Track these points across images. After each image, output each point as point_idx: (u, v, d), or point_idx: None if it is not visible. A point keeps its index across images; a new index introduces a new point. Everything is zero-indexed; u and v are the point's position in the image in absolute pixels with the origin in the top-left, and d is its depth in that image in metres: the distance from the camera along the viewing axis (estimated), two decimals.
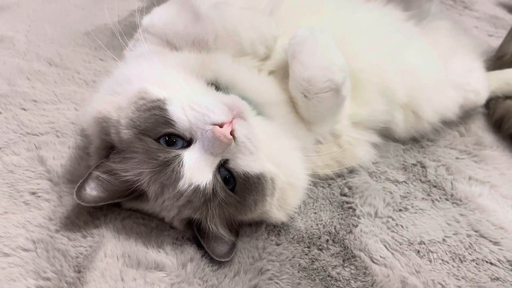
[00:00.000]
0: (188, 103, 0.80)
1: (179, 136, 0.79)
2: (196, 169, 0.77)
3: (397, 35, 1.16)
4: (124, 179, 0.80)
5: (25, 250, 0.83)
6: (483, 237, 0.99)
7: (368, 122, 1.12)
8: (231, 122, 0.78)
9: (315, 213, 1.00)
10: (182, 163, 0.77)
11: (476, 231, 1.00)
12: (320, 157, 1.04)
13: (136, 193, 0.82)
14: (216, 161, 0.79)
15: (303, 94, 0.91)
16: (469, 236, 0.99)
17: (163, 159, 0.77)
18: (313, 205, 1.02)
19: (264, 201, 0.84)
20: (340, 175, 1.10)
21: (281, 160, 0.88)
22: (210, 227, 0.82)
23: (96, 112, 0.84)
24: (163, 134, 0.79)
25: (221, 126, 0.77)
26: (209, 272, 0.84)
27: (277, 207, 0.89)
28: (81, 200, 0.80)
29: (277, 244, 0.91)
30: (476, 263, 0.94)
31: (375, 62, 1.07)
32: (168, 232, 0.89)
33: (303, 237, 0.94)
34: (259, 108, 0.92)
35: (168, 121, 0.78)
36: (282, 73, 0.97)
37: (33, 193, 0.93)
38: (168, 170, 0.77)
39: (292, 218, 0.97)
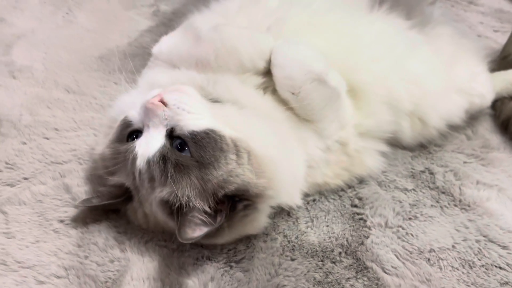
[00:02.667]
0: (138, 100, 0.91)
1: (139, 130, 0.90)
2: (145, 145, 0.87)
3: (400, 45, 1.18)
4: (112, 183, 0.93)
5: (58, 277, 0.89)
6: (492, 241, 1.02)
7: (375, 132, 1.15)
8: (160, 94, 0.87)
9: (327, 226, 1.05)
10: (135, 145, 0.88)
11: (484, 236, 1.04)
12: (330, 167, 1.08)
13: (126, 194, 0.93)
14: (161, 132, 0.87)
15: (290, 92, 0.97)
16: (478, 241, 1.02)
17: (127, 151, 0.89)
18: (325, 218, 1.06)
19: (227, 157, 0.85)
20: (350, 186, 1.14)
21: (251, 133, 0.91)
22: (184, 203, 0.83)
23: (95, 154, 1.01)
24: (127, 135, 0.91)
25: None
26: None
27: (253, 172, 0.87)
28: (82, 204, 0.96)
29: (292, 259, 0.96)
30: (486, 268, 0.97)
31: (379, 74, 1.11)
32: (188, 253, 0.95)
33: (317, 251, 0.98)
34: None
35: (128, 124, 0.91)
36: None
37: (61, 221, 0.99)
38: (129, 159, 0.88)
39: (305, 232, 1.02)
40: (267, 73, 1.01)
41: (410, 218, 1.07)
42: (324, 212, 1.08)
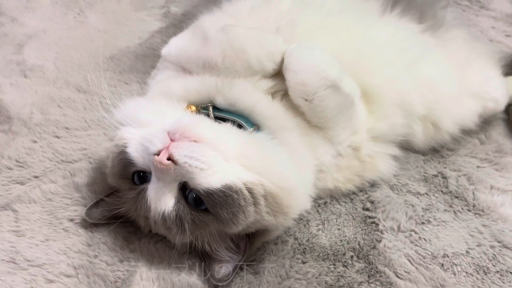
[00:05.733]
0: (140, 139, 0.86)
1: (145, 171, 0.86)
2: (158, 198, 0.83)
3: (413, 49, 1.17)
4: (117, 212, 0.92)
5: (68, 276, 0.89)
6: (507, 247, 1.01)
7: (388, 135, 1.13)
8: (167, 147, 0.81)
9: (339, 229, 1.03)
10: (146, 196, 0.84)
11: (499, 242, 1.02)
12: (341, 172, 1.07)
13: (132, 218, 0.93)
14: (173, 187, 0.83)
15: (303, 99, 0.94)
16: (492, 247, 1.01)
17: (134, 197, 0.87)
18: (336, 221, 1.05)
19: (245, 211, 0.83)
20: (362, 189, 1.13)
21: (264, 167, 0.88)
22: (206, 248, 0.86)
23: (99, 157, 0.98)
24: (132, 173, 0.88)
25: (159, 154, 0.80)
26: None
27: (272, 213, 0.87)
28: (88, 217, 0.95)
29: (303, 262, 0.95)
30: (500, 275, 0.95)
31: (391, 77, 1.09)
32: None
33: (328, 254, 0.97)
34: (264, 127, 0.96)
35: (130, 162, 0.87)
36: None
37: (71, 220, 0.99)
38: (140, 205, 0.86)
39: (316, 235, 1.01)
40: (276, 76, 1.00)
41: (423, 223, 1.05)
42: (335, 215, 1.06)
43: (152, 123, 0.89)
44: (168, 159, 0.79)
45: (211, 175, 0.81)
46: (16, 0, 1.83)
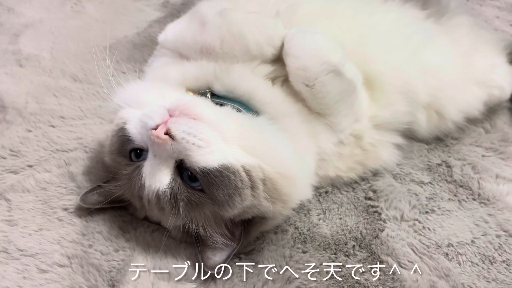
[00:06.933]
0: (139, 116, 0.84)
1: (142, 149, 0.85)
2: (153, 175, 0.81)
3: (416, 36, 1.14)
4: (113, 196, 0.90)
5: (61, 266, 0.86)
6: None
7: (391, 123, 1.11)
8: (166, 122, 0.79)
9: (340, 218, 1.01)
10: (142, 173, 0.82)
11: (505, 231, 0.99)
12: (343, 161, 1.04)
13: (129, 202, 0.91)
14: (170, 164, 0.81)
15: (304, 84, 0.92)
16: (498, 236, 0.98)
17: (129, 173, 0.85)
18: (338, 211, 1.02)
19: (242, 194, 0.81)
20: (364, 179, 1.10)
21: (264, 151, 0.86)
22: (201, 232, 0.83)
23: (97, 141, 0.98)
24: (129, 151, 0.86)
25: (156, 129, 0.79)
26: (238, 282, 0.86)
27: (270, 199, 0.85)
28: (83, 202, 0.93)
29: (304, 252, 0.93)
30: (507, 264, 0.93)
31: (395, 64, 1.07)
32: None
33: (329, 244, 0.95)
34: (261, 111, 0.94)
35: (128, 139, 0.85)
36: None
37: (66, 209, 0.97)
38: (134, 182, 0.84)
39: (317, 225, 0.98)
40: (276, 61, 0.97)
41: (427, 212, 1.03)
42: (337, 204, 1.04)
43: (153, 103, 0.86)
44: (166, 134, 0.78)
45: (208, 153, 0.79)
46: None
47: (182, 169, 0.82)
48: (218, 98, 0.95)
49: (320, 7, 1.09)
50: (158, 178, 0.81)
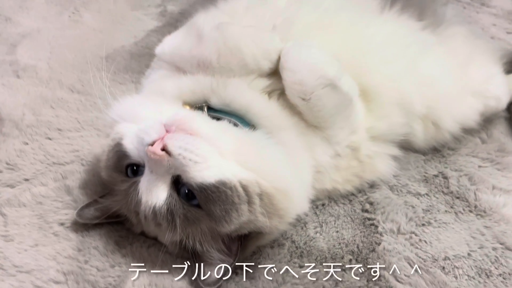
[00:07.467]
0: (136, 131, 0.84)
1: (138, 164, 0.84)
2: (149, 191, 0.81)
3: (412, 47, 1.15)
4: (109, 211, 0.90)
5: (57, 282, 0.86)
6: (509, 249, 0.98)
7: (387, 135, 1.11)
8: (162, 138, 0.79)
9: (337, 231, 1.01)
10: (138, 188, 0.82)
11: (501, 244, 0.99)
12: (340, 173, 1.04)
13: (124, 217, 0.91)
14: (166, 180, 0.81)
15: (300, 98, 0.92)
16: (494, 249, 0.98)
17: (125, 189, 0.85)
18: (334, 223, 1.02)
19: (238, 209, 0.81)
20: (360, 190, 1.10)
21: (261, 166, 0.86)
22: (197, 247, 0.83)
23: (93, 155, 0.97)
24: (125, 166, 0.86)
25: (153, 144, 0.79)
26: None
27: (266, 214, 0.84)
28: (79, 217, 0.93)
29: (300, 266, 0.92)
30: (503, 278, 0.92)
31: (391, 76, 1.07)
32: None
33: (326, 258, 0.95)
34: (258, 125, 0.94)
35: (125, 154, 0.85)
36: None
37: (62, 224, 0.96)
38: (131, 198, 0.83)
39: (314, 238, 0.98)
40: (272, 75, 0.98)
41: (423, 224, 1.03)
42: (333, 217, 1.04)
43: (149, 118, 0.86)
44: (163, 150, 0.78)
45: (205, 169, 0.79)
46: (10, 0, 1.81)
47: (178, 184, 0.82)
48: (215, 111, 0.95)
49: (316, 20, 1.09)
50: (155, 194, 0.81)
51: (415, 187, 1.12)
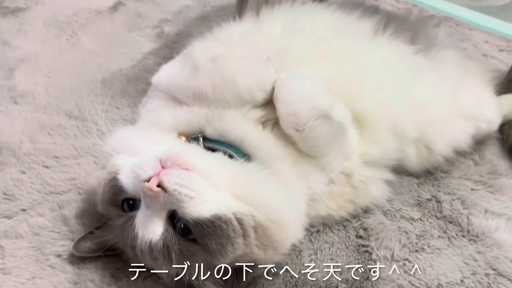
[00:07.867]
0: (131, 166, 0.85)
1: (134, 199, 0.86)
2: (145, 226, 0.82)
3: (405, 72, 1.16)
4: (105, 244, 0.91)
5: None
6: (502, 275, 0.99)
7: (381, 160, 1.12)
8: (158, 174, 0.80)
9: (332, 259, 1.02)
10: (134, 223, 0.83)
11: (494, 270, 1.00)
12: (334, 200, 1.06)
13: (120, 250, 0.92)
14: (162, 215, 0.82)
15: (294, 129, 0.93)
16: (487, 275, 0.99)
17: (122, 224, 0.86)
18: (329, 251, 1.03)
19: (234, 243, 0.82)
20: (355, 216, 1.11)
21: (255, 198, 0.87)
22: (193, 280, 0.85)
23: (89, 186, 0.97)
24: (122, 201, 0.87)
25: (149, 181, 0.80)
26: None
27: (261, 246, 0.86)
28: (76, 251, 0.93)
29: None
30: None
31: (383, 102, 1.08)
32: None
33: (321, 287, 0.95)
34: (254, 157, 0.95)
35: (121, 189, 0.86)
36: None
37: (59, 256, 0.97)
38: (127, 232, 0.84)
39: (308, 267, 0.99)
40: (266, 105, 0.99)
41: (417, 250, 1.04)
42: (328, 244, 1.05)
43: (145, 151, 0.88)
44: (158, 186, 0.79)
45: (200, 204, 0.80)
46: (8, 23, 1.83)
47: (174, 219, 0.83)
48: (211, 142, 0.97)
49: (310, 48, 1.10)
50: (151, 229, 0.82)
51: (408, 212, 1.13)
